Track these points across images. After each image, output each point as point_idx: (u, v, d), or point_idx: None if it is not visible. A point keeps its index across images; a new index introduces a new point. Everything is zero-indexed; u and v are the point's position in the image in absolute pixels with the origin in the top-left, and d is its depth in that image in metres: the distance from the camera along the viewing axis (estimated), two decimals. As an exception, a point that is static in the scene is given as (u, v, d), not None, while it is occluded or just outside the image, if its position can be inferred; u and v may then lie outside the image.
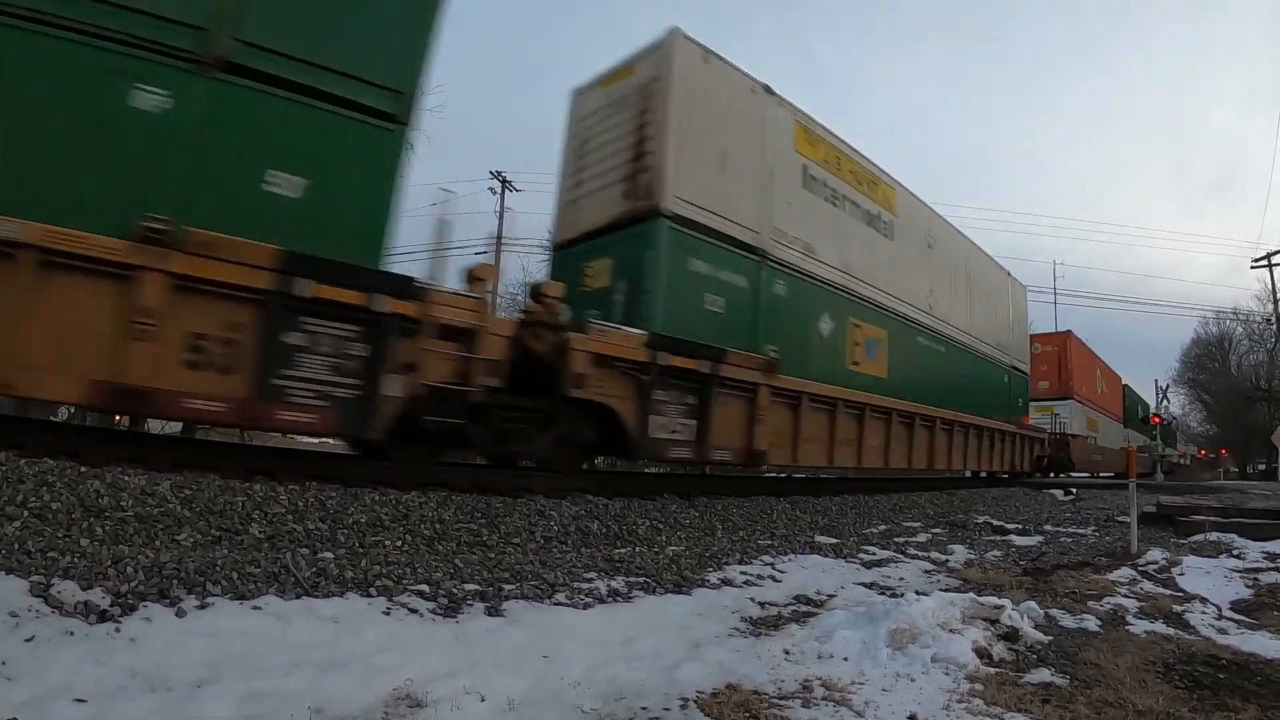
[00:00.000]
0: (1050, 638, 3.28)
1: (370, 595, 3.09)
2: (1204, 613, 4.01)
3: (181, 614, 2.53)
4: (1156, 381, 45.77)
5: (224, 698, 1.99)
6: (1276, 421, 28.75)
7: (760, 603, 3.88)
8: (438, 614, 3.02)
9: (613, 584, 3.85)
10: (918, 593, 3.56)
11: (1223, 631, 3.70)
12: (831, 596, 4.14)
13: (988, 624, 3.20)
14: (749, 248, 7.75)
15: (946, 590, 3.90)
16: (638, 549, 4.94)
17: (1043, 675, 2.76)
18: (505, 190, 23.69)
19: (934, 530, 7.59)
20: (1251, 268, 30.40)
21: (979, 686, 2.58)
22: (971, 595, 3.45)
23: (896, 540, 6.63)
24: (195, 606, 2.61)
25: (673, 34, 7.19)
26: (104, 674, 2.03)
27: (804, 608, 3.84)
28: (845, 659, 2.78)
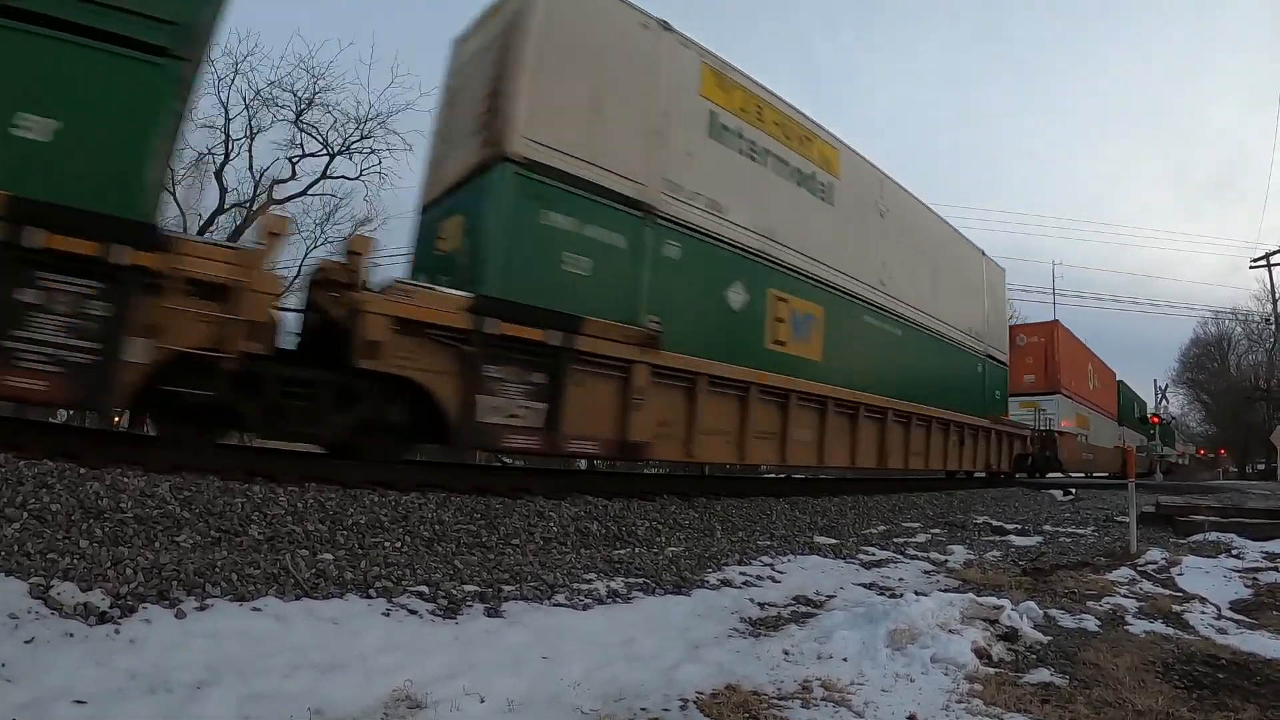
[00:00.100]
0: (1049, 638, 3.28)
1: (370, 596, 3.09)
2: (1203, 612, 4.02)
3: (181, 615, 2.53)
4: (1155, 381, 45.84)
5: (224, 699, 2.00)
6: (1275, 421, 28.77)
7: (759, 603, 3.88)
8: (437, 615, 3.02)
9: (612, 585, 3.86)
10: (917, 593, 3.56)
11: (1222, 631, 3.71)
12: (831, 597, 4.14)
13: (987, 624, 3.21)
14: (631, 202, 6.60)
15: (946, 591, 3.91)
16: (637, 550, 4.94)
17: (1042, 675, 2.77)
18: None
19: (933, 531, 7.59)
20: (1250, 268, 30.43)
21: (978, 687, 2.58)
22: (971, 595, 3.46)
23: (896, 541, 6.64)
24: (195, 608, 2.61)
25: None
26: (103, 675, 2.03)
27: (803, 608, 3.84)
28: (844, 659, 2.78)
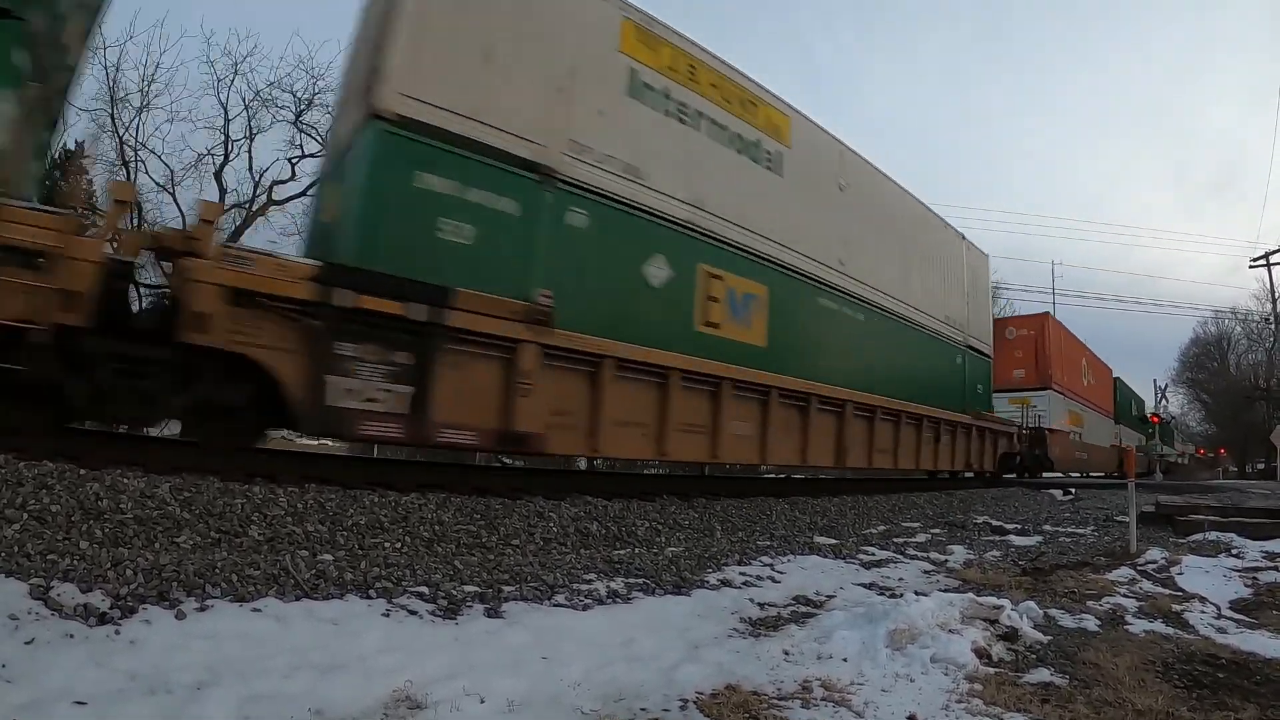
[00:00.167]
0: (1049, 637, 3.29)
1: (370, 597, 3.09)
2: (1203, 612, 4.02)
3: (181, 616, 2.53)
4: (1155, 381, 45.87)
5: (224, 700, 2.00)
6: (1275, 421, 28.78)
7: (759, 604, 3.88)
8: (437, 616, 3.02)
9: (612, 585, 3.86)
10: (917, 593, 3.56)
11: (1222, 631, 3.71)
12: (831, 597, 4.14)
13: (987, 624, 3.21)
14: (526, 164, 5.98)
15: (946, 590, 3.91)
16: (637, 550, 4.94)
17: (1042, 675, 2.77)
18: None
19: (933, 530, 7.59)
20: (1250, 267, 30.47)
21: (978, 686, 2.58)
22: (971, 595, 3.46)
23: (896, 541, 6.64)
24: (195, 609, 2.61)
25: None
26: (104, 676, 2.03)
27: (803, 608, 3.84)
28: (844, 659, 2.78)
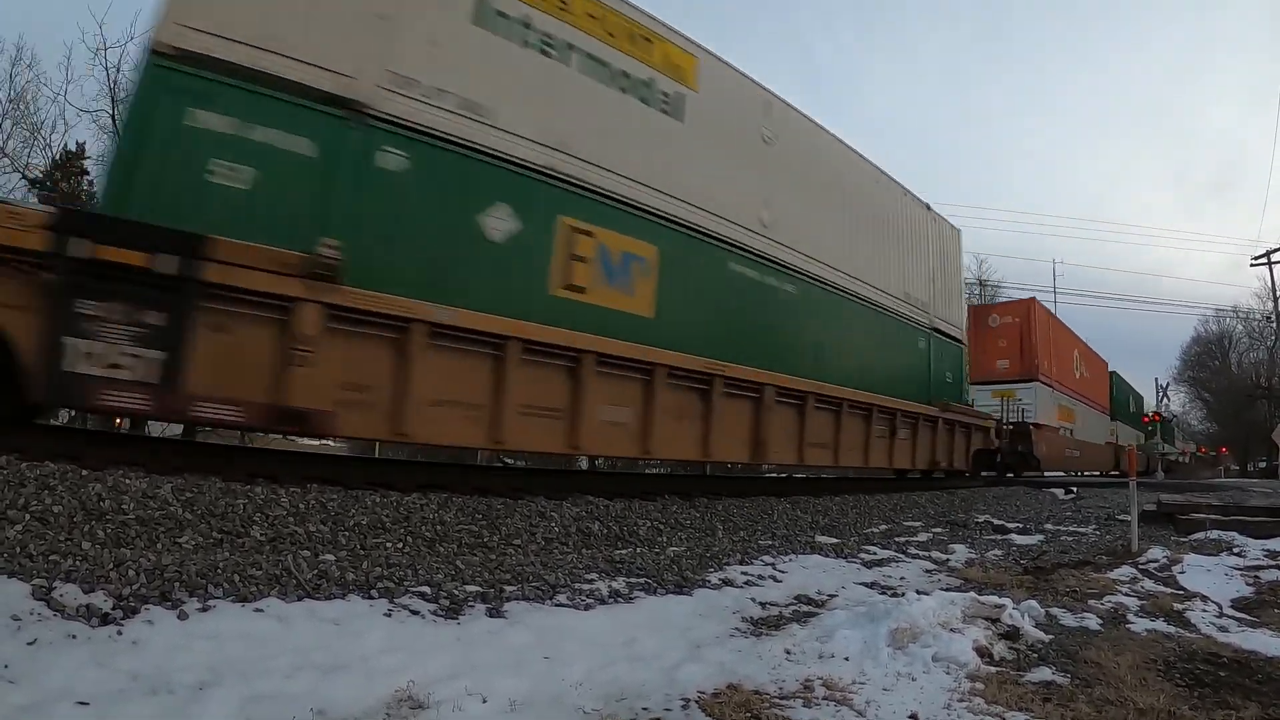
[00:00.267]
0: (1051, 636, 3.28)
1: (372, 597, 3.09)
2: (1205, 611, 4.02)
3: (183, 617, 2.54)
4: (1157, 379, 45.81)
5: (226, 700, 2.00)
6: (1277, 419, 28.76)
7: (761, 603, 3.88)
8: (439, 616, 3.02)
9: (614, 585, 3.86)
10: (919, 592, 3.56)
11: (1224, 629, 3.70)
12: (832, 596, 4.14)
13: (989, 623, 3.21)
14: (330, 98, 5.20)
15: (947, 589, 3.91)
16: (639, 550, 4.94)
17: (1044, 674, 2.76)
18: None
19: (935, 530, 7.59)
20: (1251, 265, 30.43)
21: (980, 685, 2.58)
22: (972, 594, 3.46)
23: (897, 540, 6.63)
24: (197, 609, 2.62)
25: None
26: (106, 677, 2.03)
27: (805, 607, 3.84)
28: (846, 659, 2.78)
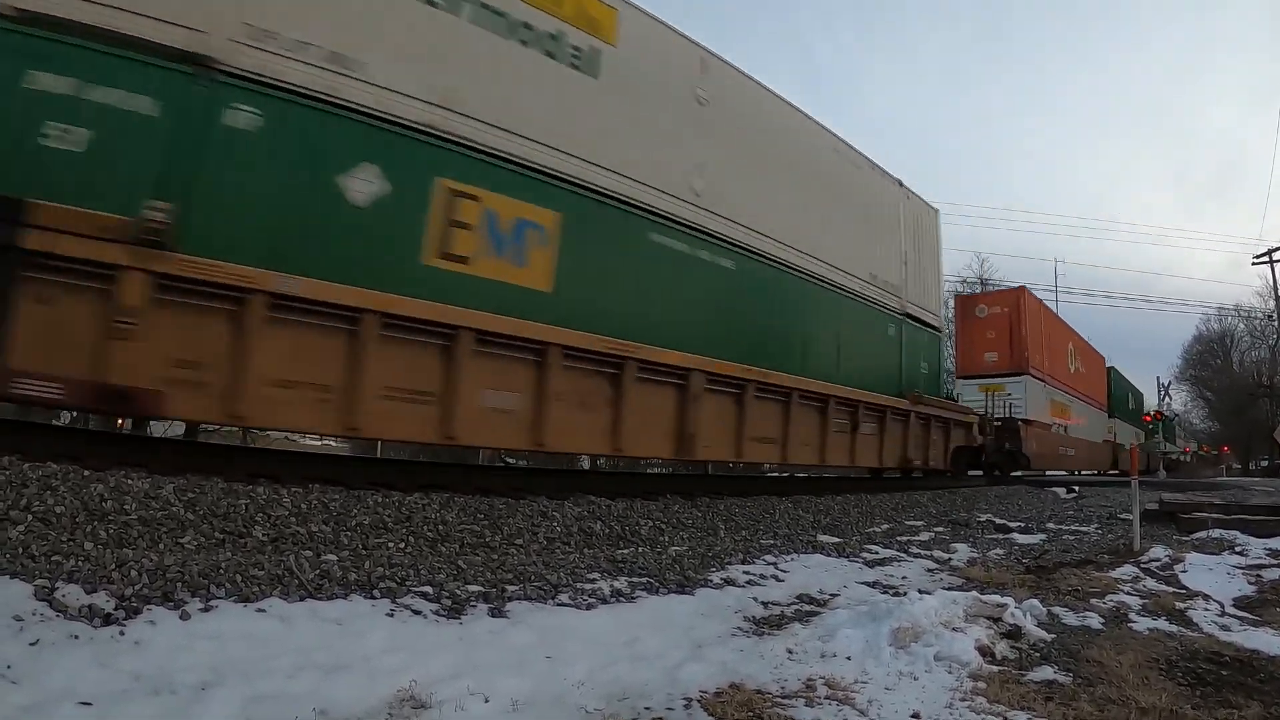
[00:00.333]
0: (1053, 636, 3.28)
1: (374, 597, 3.10)
2: (1207, 610, 4.01)
3: (185, 617, 2.54)
4: (1159, 378, 45.70)
5: (228, 700, 2.00)
6: (1278, 418, 28.70)
7: (763, 602, 3.88)
8: (441, 615, 3.02)
9: (616, 584, 3.86)
10: (920, 591, 3.56)
11: (1226, 628, 3.70)
12: (834, 595, 4.14)
13: (990, 622, 3.21)
14: (176, 54, 4.77)
15: (949, 589, 3.91)
16: (641, 549, 4.94)
17: (1046, 673, 2.76)
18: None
19: (936, 529, 7.59)
20: (1253, 264, 30.45)
21: (982, 685, 2.58)
22: (974, 593, 3.46)
23: (899, 539, 6.63)
24: (199, 609, 2.62)
25: None
26: (108, 677, 2.03)
27: (807, 607, 3.83)
28: (848, 658, 2.78)
